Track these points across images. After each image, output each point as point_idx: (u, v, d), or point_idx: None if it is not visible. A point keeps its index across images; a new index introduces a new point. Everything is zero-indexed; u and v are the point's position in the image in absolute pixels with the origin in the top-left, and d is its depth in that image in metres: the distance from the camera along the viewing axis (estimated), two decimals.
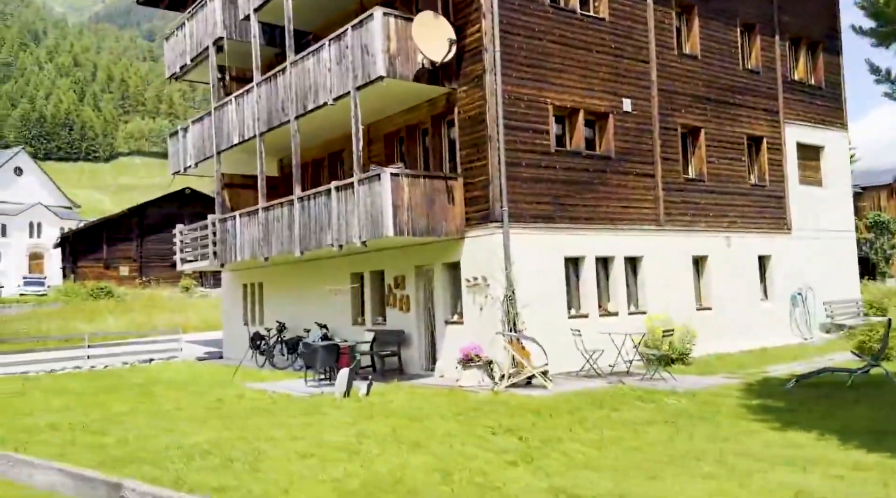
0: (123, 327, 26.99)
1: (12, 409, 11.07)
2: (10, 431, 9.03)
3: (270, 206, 14.85)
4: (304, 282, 16.71)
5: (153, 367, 17.28)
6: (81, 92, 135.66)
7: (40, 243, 60.17)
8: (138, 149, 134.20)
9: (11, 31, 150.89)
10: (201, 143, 17.59)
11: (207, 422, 9.36)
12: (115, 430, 9.04)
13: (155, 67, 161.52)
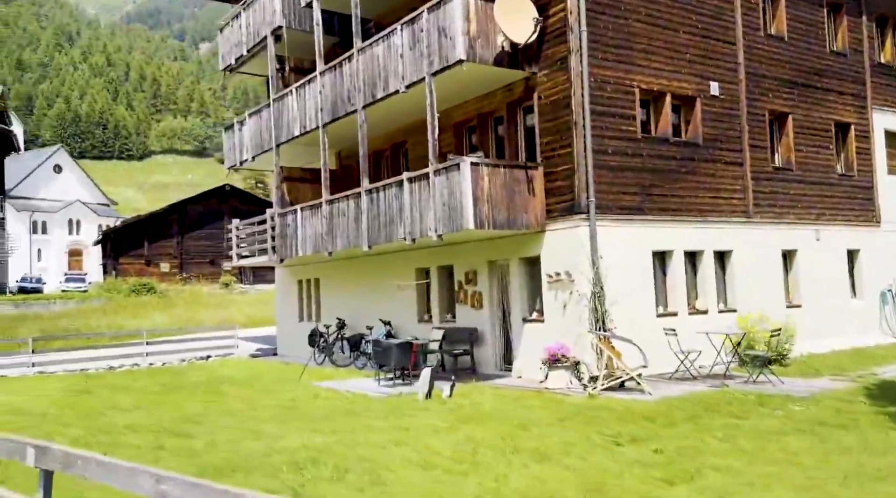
0: (170, 324, 26.88)
1: (83, 407, 10.73)
2: (88, 432, 8.64)
3: (335, 199, 14.34)
4: (364, 277, 16.21)
5: (211, 364, 16.96)
6: (115, 91, 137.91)
7: (79, 240, 60.99)
8: (171, 147, 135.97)
9: (47, 33, 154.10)
10: (259, 137, 17.18)
11: (290, 423, 8.87)
12: (198, 432, 8.59)
13: (185, 66, 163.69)
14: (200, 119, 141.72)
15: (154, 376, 14.61)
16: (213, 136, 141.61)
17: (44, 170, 61.15)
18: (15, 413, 10.27)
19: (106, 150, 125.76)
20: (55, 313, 30.65)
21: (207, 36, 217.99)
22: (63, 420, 9.64)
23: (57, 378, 13.92)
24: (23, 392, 12.26)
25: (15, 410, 10.57)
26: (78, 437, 8.33)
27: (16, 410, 10.58)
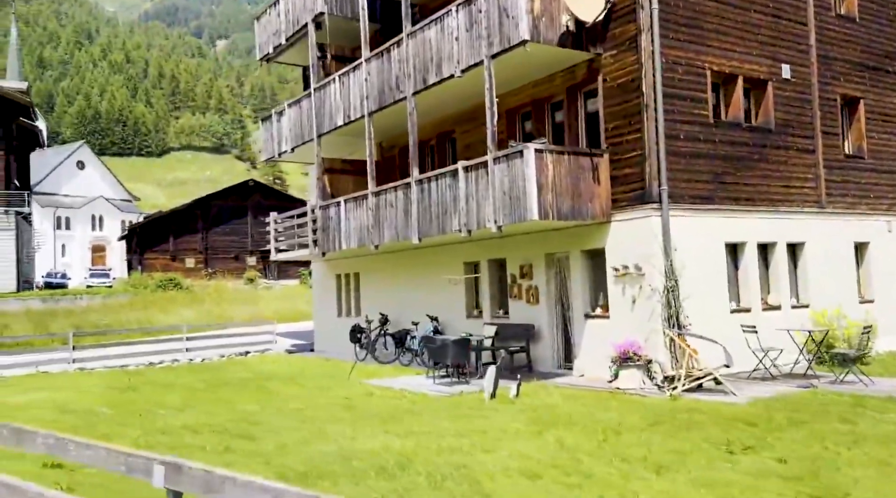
0: (200, 319, 26.59)
1: (133, 406, 10.32)
2: (147, 434, 8.21)
3: (382, 190, 13.83)
4: (408, 272, 15.70)
5: (250, 360, 16.56)
6: (134, 88, 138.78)
7: (102, 236, 61.25)
8: (189, 144, 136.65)
9: (67, 31, 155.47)
10: (299, 127, 16.71)
11: (356, 424, 8.37)
12: (261, 433, 8.12)
13: (203, 63, 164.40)
14: (219, 116, 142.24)
15: (196, 373, 14.22)
16: (231, 133, 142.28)
17: (67, 166, 61.44)
18: (63, 411, 9.88)
19: (125, 147, 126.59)
20: (83, 308, 30.50)
21: (224, 33, 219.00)
22: (116, 419, 9.23)
23: (98, 375, 13.56)
24: (67, 389, 11.91)
25: (62, 407, 10.19)
26: (137, 438, 7.90)
27: (63, 407, 10.19)
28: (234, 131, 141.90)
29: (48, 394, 11.27)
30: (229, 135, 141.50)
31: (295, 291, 40.03)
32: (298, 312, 29.82)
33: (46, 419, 9.16)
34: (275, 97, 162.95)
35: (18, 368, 13.03)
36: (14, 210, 38.88)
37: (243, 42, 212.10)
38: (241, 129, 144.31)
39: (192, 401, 10.77)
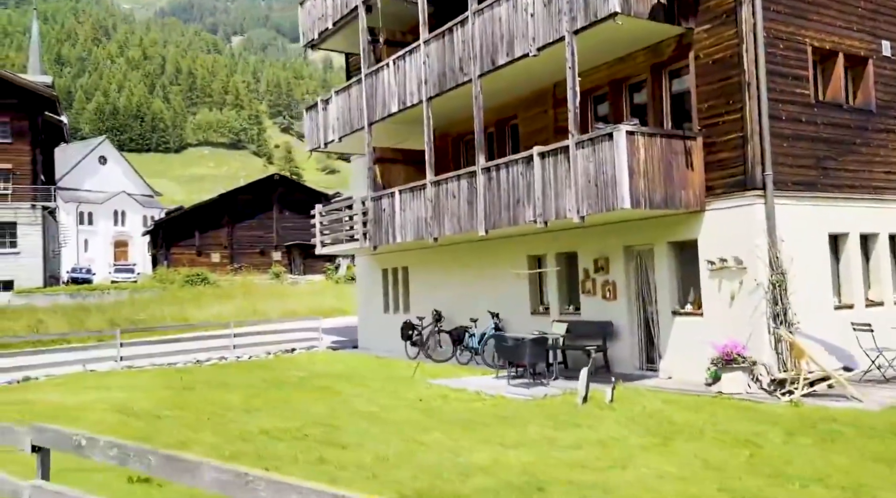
0: (235, 315, 26.03)
1: (196, 408, 9.68)
2: (225, 440, 7.53)
3: (443, 179, 13.08)
4: (463, 266, 14.95)
5: (298, 357, 15.92)
6: (151, 84, 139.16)
7: (124, 231, 61.15)
8: (206, 139, 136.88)
9: (85, 27, 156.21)
10: (348, 115, 15.99)
11: (447, 431, 7.65)
12: (348, 440, 7.44)
13: (219, 59, 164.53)
14: (235, 111, 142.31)
15: (248, 371, 13.58)
16: (248, 129, 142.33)
17: (89, 161, 61.38)
18: (125, 413, 9.25)
19: (143, 143, 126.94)
20: (113, 304, 30.10)
21: (239, 29, 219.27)
22: (185, 422, 8.58)
23: (148, 373, 12.97)
24: (121, 388, 11.30)
25: (122, 408, 9.56)
26: (216, 445, 7.23)
27: (123, 408, 9.56)
28: (250, 127, 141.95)
29: (103, 394, 10.67)
30: (246, 131, 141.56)
31: (322, 287, 39.47)
32: (331, 307, 29.22)
33: (110, 423, 8.53)
34: (290, 93, 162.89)
35: (66, 366, 12.46)
36: (41, 205, 38.64)
37: (258, 38, 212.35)
38: (257, 124, 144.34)
39: (256, 402, 10.10)
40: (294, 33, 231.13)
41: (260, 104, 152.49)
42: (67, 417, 8.87)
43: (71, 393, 10.86)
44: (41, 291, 35.65)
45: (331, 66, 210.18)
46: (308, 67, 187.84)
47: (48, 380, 12.12)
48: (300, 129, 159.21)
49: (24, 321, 21.62)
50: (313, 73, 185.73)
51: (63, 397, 10.42)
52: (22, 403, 9.81)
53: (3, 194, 37.83)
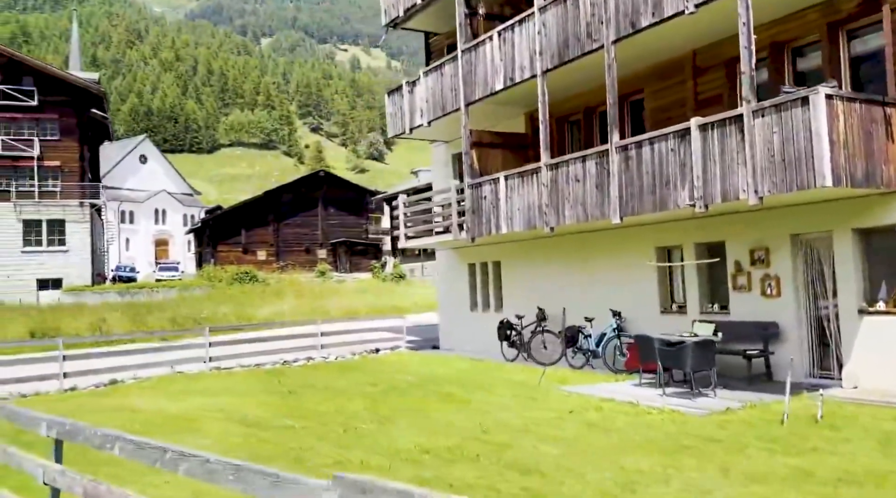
0: (294, 313, 25.03)
1: (320, 417, 8.47)
2: (387, 459, 6.29)
3: (563, 161, 11.73)
4: (570, 260, 13.57)
5: (387, 358, 14.69)
6: (184, 86, 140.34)
7: (165, 230, 60.98)
8: (238, 140, 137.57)
9: (118, 30, 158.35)
10: (439, 96, 14.73)
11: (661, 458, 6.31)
12: (531, 462, 6.13)
13: (250, 61, 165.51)
14: (267, 112, 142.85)
15: (344, 373, 12.39)
16: (279, 129, 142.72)
17: (130, 160, 61.35)
18: (244, 423, 8.09)
19: (177, 144, 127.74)
20: (169, 301, 29.34)
21: (268, 31, 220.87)
22: (319, 435, 7.38)
23: (239, 376, 11.84)
24: (220, 393, 10.17)
25: (238, 417, 8.40)
26: (381, 466, 5.99)
27: (238, 417, 8.40)
28: (281, 127, 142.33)
29: (206, 400, 9.53)
30: (277, 131, 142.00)
31: (370, 285, 38.41)
32: (389, 306, 28.04)
33: (236, 435, 7.36)
34: (319, 93, 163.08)
35: (155, 369, 11.39)
36: (89, 202, 38.24)
37: (286, 40, 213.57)
38: (288, 125, 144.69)
39: (382, 410, 8.87)
40: (321, 34, 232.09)
41: (290, 105, 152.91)
42: (183, 428, 7.72)
43: (169, 398, 9.74)
44: (90, 289, 35.18)
45: (358, 66, 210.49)
46: (336, 68, 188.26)
47: (137, 383, 11.06)
48: (329, 129, 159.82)
49: (84, 320, 20.80)
50: (342, 73, 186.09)
51: (164, 403, 9.30)
52: (123, 410, 8.71)
53: (51, 192, 37.49)
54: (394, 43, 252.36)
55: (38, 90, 37.31)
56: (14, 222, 36.86)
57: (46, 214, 37.20)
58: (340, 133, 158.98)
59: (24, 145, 37.24)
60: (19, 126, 37.51)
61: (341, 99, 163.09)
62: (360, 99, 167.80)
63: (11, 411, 4.02)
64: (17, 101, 36.93)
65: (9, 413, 4.05)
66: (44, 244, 37.10)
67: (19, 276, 35.90)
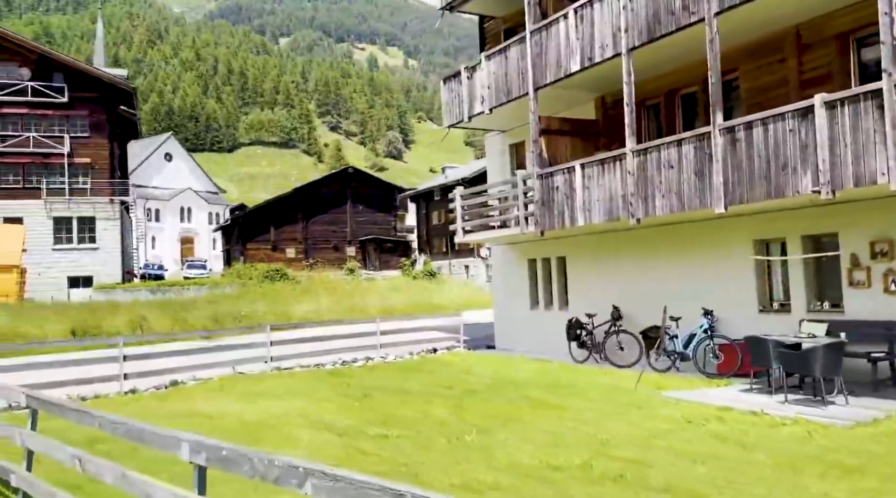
0: (333, 311, 24.32)
1: (411, 424, 7.65)
2: (516, 479, 5.45)
3: (653, 147, 10.81)
4: (648, 255, 12.65)
5: (447, 358, 13.86)
6: (205, 85, 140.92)
7: (190, 228, 60.80)
8: (258, 139, 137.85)
9: (139, 31, 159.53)
10: (503, 82, 13.87)
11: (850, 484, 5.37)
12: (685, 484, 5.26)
13: (269, 60, 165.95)
14: (286, 111, 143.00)
15: (409, 374, 11.59)
16: (298, 128, 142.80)
17: (155, 158, 61.23)
18: (333, 431, 7.29)
19: (198, 143, 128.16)
20: (194, 300, 28.78)
21: (286, 30, 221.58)
22: (421, 445, 6.57)
23: (304, 376, 11.08)
24: (290, 395, 9.40)
25: (323, 424, 7.61)
26: (514, 488, 5.15)
27: (324, 424, 7.61)
28: (300, 126, 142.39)
29: (279, 404, 8.77)
30: (296, 129, 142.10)
31: (401, 283, 37.63)
32: (428, 304, 27.25)
33: (334, 446, 6.57)
34: (338, 92, 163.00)
35: (216, 369, 10.67)
36: (118, 200, 37.92)
37: (304, 39, 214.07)
38: (307, 123, 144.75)
39: (472, 418, 8.04)
40: (339, 33, 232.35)
41: (309, 103, 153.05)
42: (269, 437, 6.95)
43: (238, 401, 8.99)
44: (121, 287, 34.81)
45: (376, 64, 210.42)
46: (354, 67, 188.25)
47: (199, 384, 10.33)
48: (348, 128, 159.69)
49: (122, 318, 20.24)
50: (360, 72, 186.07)
51: (236, 408, 8.55)
52: (196, 416, 7.96)
53: (82, 189, 37.20)
54: (410, 42, 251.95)
55: (69, 87, 37.04)
56: (45, 220, 36.62)
57: (77, 212, 36.93)
58: (359, 131, 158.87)
59: (55, 142, 36.99)
60: (50, 123, 37.28)
61: (359, 97, 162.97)
62: (378, 97, 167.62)
63: (138, 429, 3.22)
64: (47, 98, 36.68)
65: (134, 431, 3.26)
66: (74, 242, 36.83)
67: (50, 273, 35.64)
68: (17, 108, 36.49)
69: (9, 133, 36.57)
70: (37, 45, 39.18)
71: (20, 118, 36.84)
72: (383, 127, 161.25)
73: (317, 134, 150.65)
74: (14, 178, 36.94)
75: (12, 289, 30.10)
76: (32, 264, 34.93)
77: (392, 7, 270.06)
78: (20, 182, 36.96)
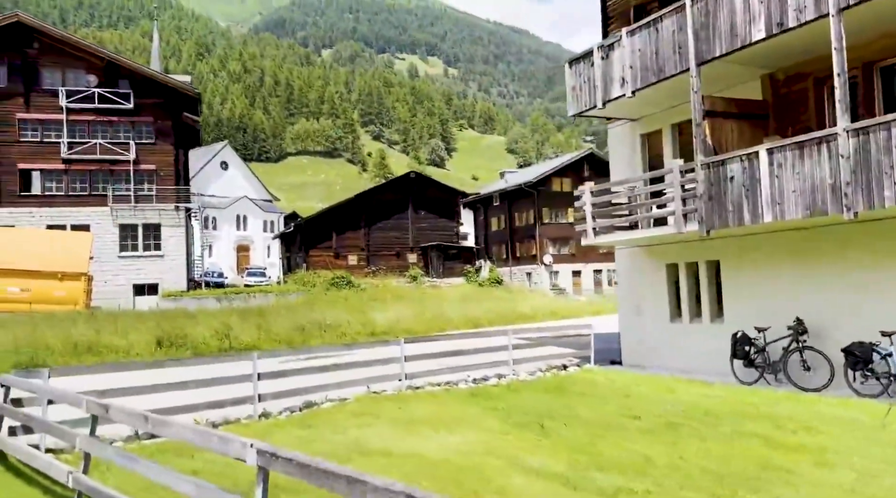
0: (417, 321, 22.81)
1: (634, 470, 5.91)
2: None
3: (880, 124, 8.89)
4: (853, 257, 10.64)
5: (585, 376, 12.05)
6: (252, 97, 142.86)
7: (246, 235, 60.53)
8: (304, 148, 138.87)
9: (188, 44, 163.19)
10: (652, 58, 12.10)
11: None
12: None
13: (314, 71, 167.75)
14: (331, 120, 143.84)
15: (559, 397, 9.86)
16: (343, 137, 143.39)
17: (212, 166, 61.25)
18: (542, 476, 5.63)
19: (246, 153, 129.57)
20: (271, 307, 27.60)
21: (329, 42, 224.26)
22: None
23: (445, 397, 9.44)
24: (446, 422, 7.78)
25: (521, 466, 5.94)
26: None
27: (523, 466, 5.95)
28: (345, 135, 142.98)
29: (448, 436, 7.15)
30: (341, 139, 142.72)
31: (469, 291, 35.97)
32: (515, 313, 25.54)
33: None
34: (381, 101, 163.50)
35: (349, 388, 9.14)
36: (183, 206, 37.39)
37: (346, 50, 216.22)
38: (351, 133, 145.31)
39: (711, 464, 6.26)
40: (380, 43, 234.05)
41: (353, 113, 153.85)
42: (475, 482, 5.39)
43: (398, 429, 7.39)
44: (187, 295, 34.10)
45: (416, 74, 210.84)
46: (396, 76, 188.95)
47: (335, 406, 8.82)
48: (391, 136, 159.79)
49: (203, 327, 19.05)
50: (401, 81, 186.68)
51: (409, 442, 6.94)
52: (370, 454, 6.38)
53: (147, 196, 36.77)
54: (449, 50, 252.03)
55: (134, 93, 36.75)
56: (111, 227, 36.26)
57: (142, 219, 36.50)
58: (401, 140, 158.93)
59: (121, 149, 36.70)
60: (116, 129, 37.03)
61: (402, 106, 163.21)
62: (419, 106, 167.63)
63: None
64: (113, 104, 36.44)
65: None
66: (140, 249, 36.37)
67: (116, 281, 35.20)
68: (84, 115, 36.32)
69: (76, 140, 36.43)
70: (104, 51, 39.11)
71: (87, 125, 36.65)
72: (425, 135, 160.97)
73: (360, 143, 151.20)
74: (81, 186, 36.73)
75: (80, 296, 29.57)
76: (99, 272, 34.51)
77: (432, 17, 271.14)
78: (87, 189, 36.74)
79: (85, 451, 4.79)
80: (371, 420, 7.99)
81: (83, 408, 4.90)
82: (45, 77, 36.32)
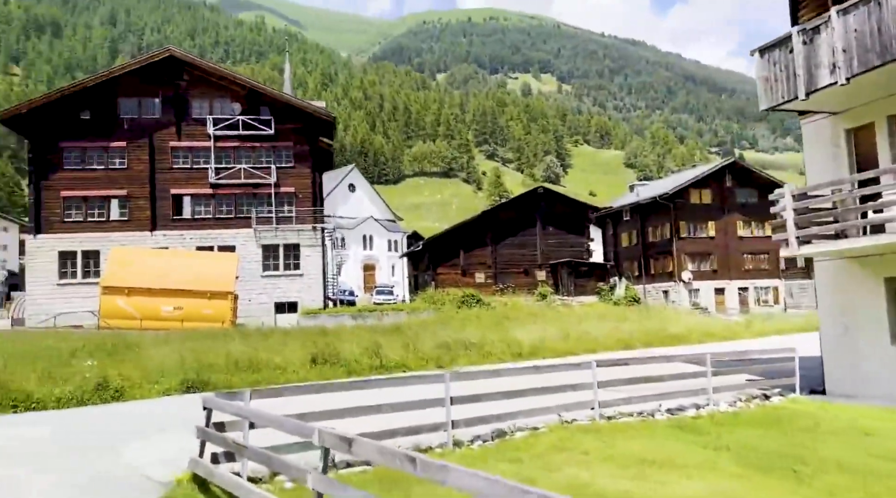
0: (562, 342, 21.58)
1: None
2: None
3: None
4: None
5: (800, 409, 10.29)
6: (372, 122, 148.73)
7: (372, 255, 62.07)
8: (421, 170, 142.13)
9: (314, 75, 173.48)
10: (874, 38, 10.34)
11: None
12: None
13: (429, 95, 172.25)
14: (447, 142, 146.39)
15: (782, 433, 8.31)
16: (458, 157, 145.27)
17: (341, 188, 63.70)
18: None
19: (367, 177, 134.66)
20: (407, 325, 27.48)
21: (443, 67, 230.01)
22: None
23: (650, 431, 8.27)
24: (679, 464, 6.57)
25: None
26: None
27: None
28: (460, 156, 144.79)
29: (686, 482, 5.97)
30: (456, 159, 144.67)
31: (605, 310, 34.04)
32: (667, 335, 23.54)
33: None
34: (495, 121, 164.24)
35: (541, 415, 8.22)
36: (321, 227, 38.77)
37: (460, 73, 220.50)
38: (466, 153, 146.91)
39: None
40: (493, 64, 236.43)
41: (467, 133, 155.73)
42: None
43: (623, 470, 6.33)
44: (324, 312, 35.08)
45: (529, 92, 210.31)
46: (509, 96, 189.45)
47: (529, 436, 7.92)
48: (505, 155, 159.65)
49: (352, 344, 19.03)
50: (515, 100, 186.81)
51: (643, 488, 5.86)
52: None
53: (287, 217, 38.54)
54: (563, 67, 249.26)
55: (274, 119, 38.82)
56: (254, 248, 38.28)
57: (283, 239, 38.21)
58: (515, 158, 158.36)
59: (263, 173, 38.82)
60: (258, 154, 39.24)
61: (516, 125, 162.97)
62: (533, 124, 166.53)
63: None
64: (256, 131, 38.70)
65: None
66: (280, 268, 38.04)
67: (259, 299, 36.97)
68: (230, 142, 38.84)
69: (223, 165, 39.03)
70: (246, 80, 41.80)
71: (232, 151, 39.16)
72: (540, 152, 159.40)
73: (475, 162, 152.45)
74: (227, 209, 39.21)
75: (227, 314, 31.22)
76: (243, 290, 36.45)
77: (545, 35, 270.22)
78: (232, 212, 39.14)
79: (317, 491, 4.20)
80: (580, 456, 6.99)
81: (315, 439, 4.33)
82: (195, 107, 39.27)
